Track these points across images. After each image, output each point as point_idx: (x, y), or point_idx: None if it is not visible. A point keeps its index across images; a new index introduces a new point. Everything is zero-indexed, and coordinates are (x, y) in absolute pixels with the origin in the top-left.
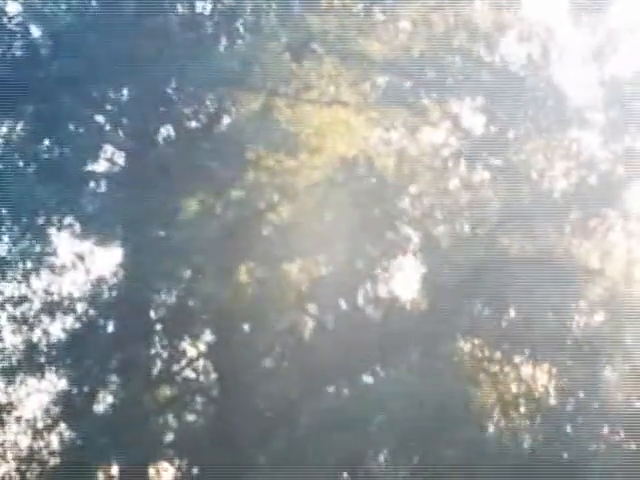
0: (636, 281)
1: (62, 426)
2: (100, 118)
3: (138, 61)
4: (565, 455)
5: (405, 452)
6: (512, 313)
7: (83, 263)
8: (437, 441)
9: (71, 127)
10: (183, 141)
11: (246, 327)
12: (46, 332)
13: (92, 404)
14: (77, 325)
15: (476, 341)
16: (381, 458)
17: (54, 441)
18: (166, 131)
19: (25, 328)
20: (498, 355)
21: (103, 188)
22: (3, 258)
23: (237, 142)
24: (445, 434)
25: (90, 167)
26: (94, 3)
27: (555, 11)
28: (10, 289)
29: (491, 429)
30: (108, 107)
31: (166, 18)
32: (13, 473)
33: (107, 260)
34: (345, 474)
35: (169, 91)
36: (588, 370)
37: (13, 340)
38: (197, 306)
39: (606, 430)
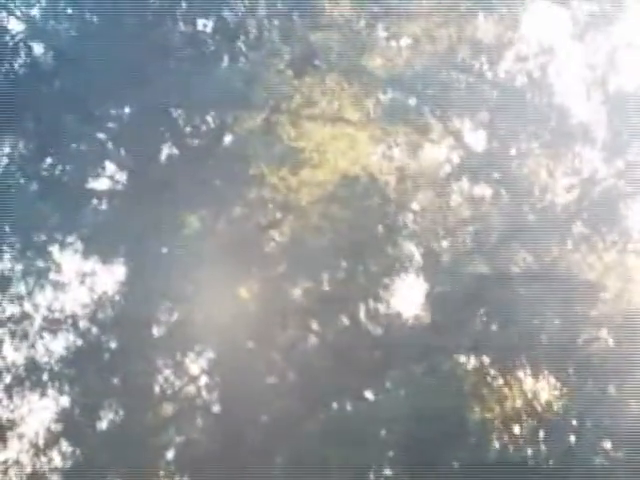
0: (638, 296)
1: (64, 443)
2: (102, 135)
3: (140, 78)
4: (568, 469)
5: (408, 467)
6: (514, 328)
7: (85, 280)
8: (440, 456)
9: (73, 145)
10: (185, 158)
11: (249, 344)
12: (48, 349)
13: (94, 421)
14: (79, 342)
15: (478, 356)
16: (384, 473)
17: (56, 458)
18: (168, 148)
19: (27, 345)
20: (501, 370)
21: (105, 206)
22: (5, 275)
23: (239, 159)
24: (448, 449)
25: (92, 185)
26: (96, 20)
27: (557, 27)
28: (12, 306)
29: (494, 444)
30: (110, 125)
31: (168, 35)
32: None
33: (109, 277)
34: None
35: (171, 108)
36: (591, 385)
37: (15, 357)
38: (199, 323)
39: (609, 445)
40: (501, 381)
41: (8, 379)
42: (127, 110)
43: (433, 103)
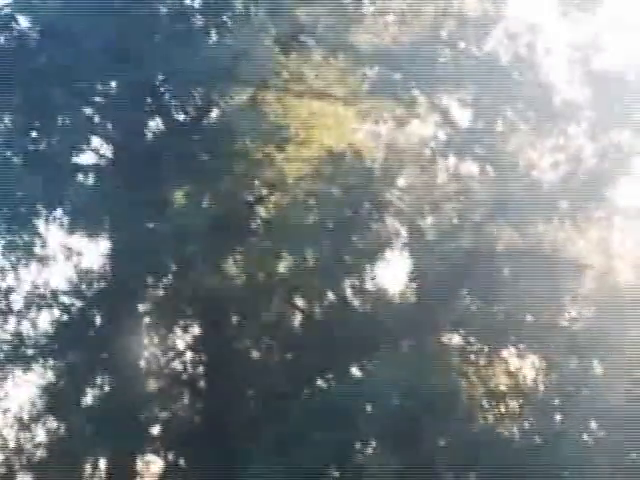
0: (624, 274)
1: (49, 418)
2: (88, 109)
3: (127, 53)
4: (553, 448)
5: (394, 444)
6: (500, 306)
7: (71, 255)
8: (426, 433)
9: (59, 119)
10: (171, 133)
11: (234, 319)
12: (33, 324)
13: (79, 396)
14: (64, 317)
15: (464, 334)
16: (370, 450)
17: (41, 433)
18: (155, 123)
19: (12, 320)
20: (486, 348)
21: (91, 180)
22: None
23: (226, 134)
24: (434, 426)
25: (78, 159)
26: None
27: (544, 5)
28: None
29: (480, 421)
30: (96, 99)
31: (156, 9)
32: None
33: (95, 252)
34: (335, 466)
35: (158, 83)
36: (576, 363)
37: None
38: (185, 298)
39: (594, 424)
40: (486, 358)
41: None
42: (113, 84)
43: (419, 79)
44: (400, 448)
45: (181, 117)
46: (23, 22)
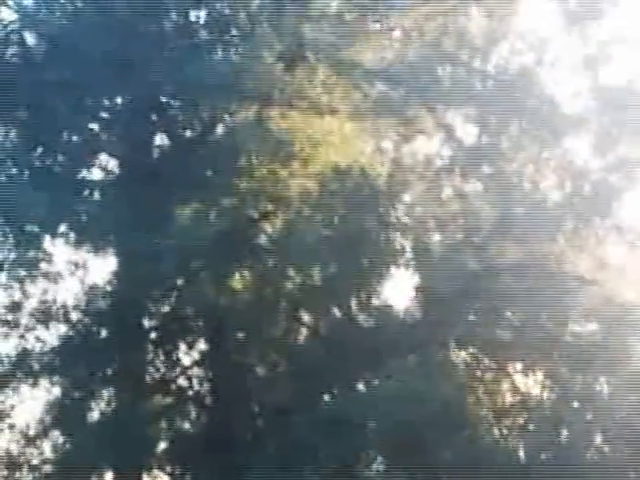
0: (628, 289)
1: (55, 433)
2: (94, 125)
3: (132, 68)
4: (558, 463)
5: (399, 459)
6: (505, 321)
7: (77, 270)
8: (431, 448)
9: (65, 134)
10: (177, 149)
11: (240, 335)
12: (40, 339)
13: (85, 412)
14: (71, 332)
15: (470, 349)
16: (375, 466)
17: (47, 449)
18: (160, 139)
19: (18, 335)
20: (492, 363)
21: (97, 195)
22: None
23: (231, 150)
24: (439, 442)
25: (84, 174)
26: (88, 9)
27: (548, 20)
28: (3, 296)
29: (486, 437)
30: (102, 114)
31: (161, 25)
32: None
33: (101, 268)
34: None
35: (163, 99)
36: (581, 379)
37: (6, 347)
38: (191, 314)
39: (599, 439)
40: (492, 374)
41: None
42: (119, 100)
43: (423, 95)
44: (405, 463)
45: (187, 133)
46: (29, 37)
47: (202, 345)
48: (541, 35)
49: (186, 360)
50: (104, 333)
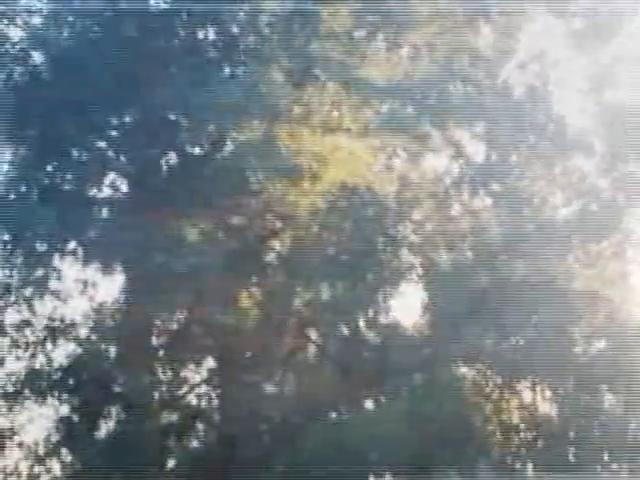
0: (637, 306)
1: (63, 452)
2: (102, 144)
3: (140, 86)
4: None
5: (407, 477)
6: (514, 339)
7: (86, 289)
8: (439, 466)
9: (74, 152)
10: (185, 167)
11: (248, 353)
12: (48, 357)
13: (94, 430)
14: (78, 350)
15: (477, 367)
16: None
17: (55, 467)
18: (168, 157)
19: (27, 353)
20: (499, 381)
21: (105, 214)
22: (6, 283)
23: (239, 169)
24: (447, 459)
25: (92, 193)
26: (96, 28)
27: (556, 38)
28: (12, 314)
29: (493, 454)
30: (111, 133)
31: (169, 44)
32: None
33: (110, 286)
34: None
35: (172, 117)
36: (590, 397)
37: (15, 365)
38: (199, 332)
39: (607, 457)
40: (500, 392)
41: (8, 387)
42: (128, 119)
43: (432, 113)
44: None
45: (195, 151)
46: (37, 56)
47: (210, 363)
48: (549, 52)
49: (195, 378)
50: (113, 351)
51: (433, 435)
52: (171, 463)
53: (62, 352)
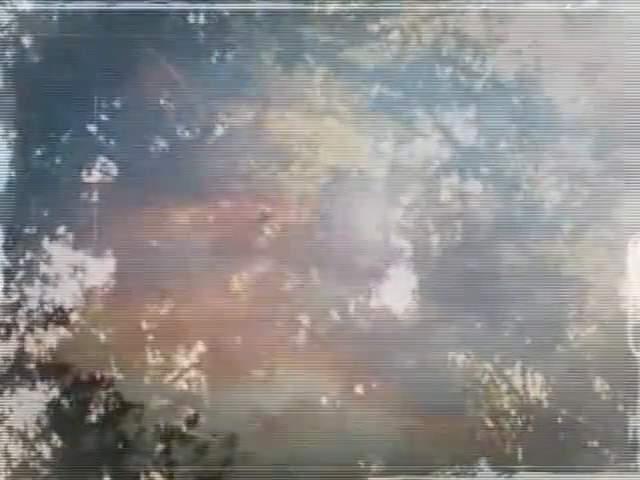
0: (627, 293)
1: (54, 436)
2: (93, 128)
3: (130, 71)
4: (556, 465)
5: (397, 463)
6: (504, 324)
7: (76, 273)
8: (431, 453)
9: (64, 137)
10: (175, 152)
11: (238, 338)
12: (38, 341)
13: (84, 414)
14: (68, 335)
15: (468, 352)
16: (374, 469)
17: (45, 451)
18: (158, 142)
19: (16, 337)
20: (490, 366)
21: (95, 198)
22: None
23: (228, 153)
24: (438, 445)
25: (82, 177)
26: (86, 12)
27: (548, 23)
28: (2, 298)
29: (484, 439)
30: (102, 117)
31: (159, 28)
32: None
33: (99, 270)
34: None
35: (162, 101)
36: (580, 382)
37: (3, 349)
38: (189, 317)
39: (596, 443)
40: (490, 377)
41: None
42: (117, 103)
43: (421, 97)
44: (404, 466)
45: (185, 135)
46: (26, 40)
47: (200, 347)
48: (540, 36)
49: (184, 362)
50: (103, 335)
51: (425, 421)
52: (160, 447)
53: (52, 336)
